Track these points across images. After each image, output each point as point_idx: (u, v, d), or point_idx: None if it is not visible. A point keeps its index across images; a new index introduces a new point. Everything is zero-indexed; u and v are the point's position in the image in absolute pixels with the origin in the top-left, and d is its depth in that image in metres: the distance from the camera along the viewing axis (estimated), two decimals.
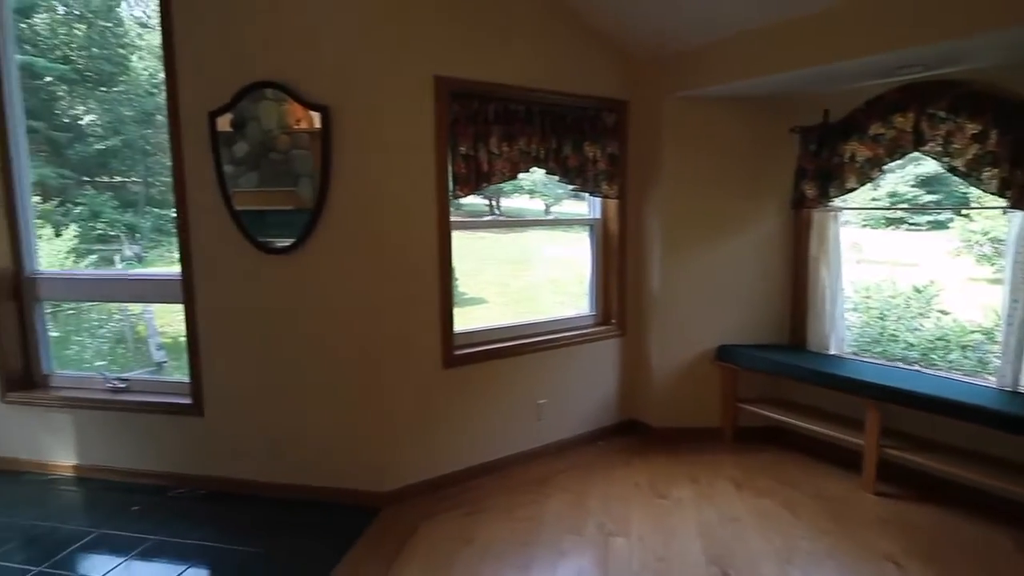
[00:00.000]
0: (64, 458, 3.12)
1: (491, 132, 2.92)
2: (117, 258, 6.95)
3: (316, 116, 2.60)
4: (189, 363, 2.91)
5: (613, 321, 3.52)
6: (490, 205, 5.27)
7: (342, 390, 2.76)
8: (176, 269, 2.89)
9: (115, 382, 3.10)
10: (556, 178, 3.23)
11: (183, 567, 2.40)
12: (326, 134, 2.61)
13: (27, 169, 3.16)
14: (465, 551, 2.48)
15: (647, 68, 3.32)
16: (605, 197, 3.39)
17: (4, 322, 3.09)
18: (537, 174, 3.61)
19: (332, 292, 2.71)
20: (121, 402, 3.02)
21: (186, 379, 2.96)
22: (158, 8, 2.69)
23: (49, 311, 3.32)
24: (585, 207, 3.62)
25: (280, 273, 2.75)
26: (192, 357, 2.90)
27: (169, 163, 2.84)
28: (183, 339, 2.94)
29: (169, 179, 2.85)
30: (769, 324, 3.46)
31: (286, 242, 2.73)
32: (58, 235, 5.36)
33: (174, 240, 2.93)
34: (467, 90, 2.83)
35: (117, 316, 6.46)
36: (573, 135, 3.18)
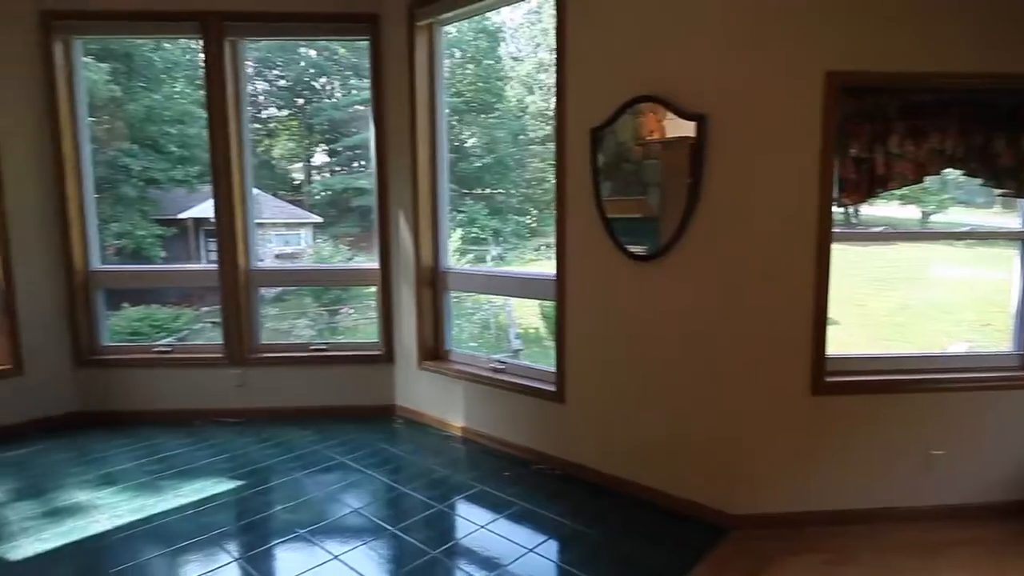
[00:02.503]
0: (455, 419, 3.81)
1: (892, 130, 2.52)
2: (488, 257, 8.26)
3: (688, 125, 2.61)
4: (556, 355, 3.24)
5: None
6: (846, 212, 4.63)
7: (698, 401, 2.73)
8: (538, 269, 3.23)
9: (496, 363, 3.64)
10: (978, 181, 2.63)
11: (543, 538, 2.67)
12: (699, 143, 2.60)
13: (447, 187, 3.93)
14: None
15: None
16: None
17: (425, 306, 3.91)
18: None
19: (694, 302, 2.69)
20: (499, 381, 3.53)
21: (551, 368, 3.30)
22: (555, 37, 3.05)
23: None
24: (984, 217, 2.87)
25: (642, 279, 2.85)
26: (559, 349, 3.22)
27: (526, 176, 3.20)
28: (533, 331, 3.31)
29: (526, 190, 3.21)
30: None
31: (638, 249, 2.84)
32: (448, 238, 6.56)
33: (528, 243, 3.29)
34: (864, 84, 2.49)
35: (486, 306, 7.68)
36: (1010, 127, 2.54)
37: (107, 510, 2.88)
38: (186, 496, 3.02)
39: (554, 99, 3.11)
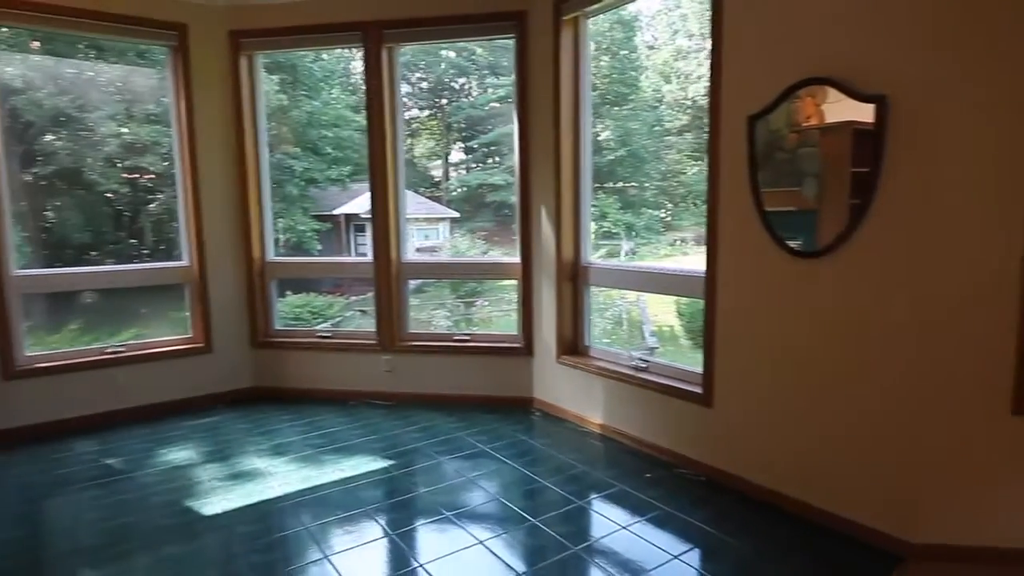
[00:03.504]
0: (594, 415, 3.78)
1: None
2: (621, 252, 8.11)
3: (862, 108, 2.35)
4: (704, 355, 3.09)
5: None
6: None
7: (874, 416, 2.46)
8: (676, 264, 3.09)
9: (638, 361, 3.55)
10: None
11: (688, 546, 2.55)
12: (878, 129, 2.33)
13: (589, 182, 3.90)
14: None
15: None
16: None
17: (565, 300, 3.92)
18: None
19: (873, 307, 2.42)
20: (640, 379, 3.44)
21: (697, 369, 3.16)
22: (710, 20, 2.90)
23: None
24: None
25: (807, 279, 2.62)
26: (707, 350, 3.07)
27: (661, 168, 3.05)
28: (667, 329, 3.16)
29: (661, 183, 3.06)
30: None
31: (796, 244, 2.62)
32: None
33: (662, 238, 3.15)
34: None
35: (619, 302, 7.55)
36: None
37: (279, 478, 3.20)
38: (345, 471, 3.27)
39: (705, 86, 2.96)
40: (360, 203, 8.99)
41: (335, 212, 9.05)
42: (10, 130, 4.02)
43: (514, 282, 4.26)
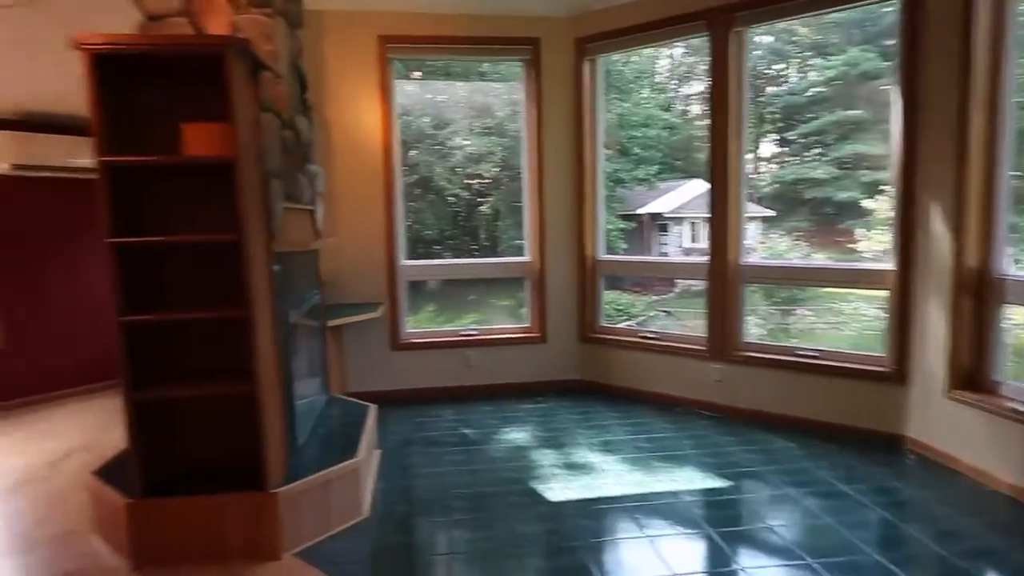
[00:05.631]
0: (1004, 473, 2.91)
1: None
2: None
3: None
4: None
5: None
6: None
7: None
8: None
9: None
10: None
11: None
12: None
13: (1007, 169, 3.01)
14: None
15: None
16: None
17: (963, 320, 3.11)
18: None
19: None
20: None
21: None
22: None
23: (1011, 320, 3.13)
24: None
25: None
26: None
27: None
28: None
29: None
30: None
31: None
32: None
33: None
34: None
35: None
36: None
37: (612, 476, 3.19)
38: (677, 482, 3.11)
39: None
40: (665, 202, 8.85)
41: (639, 211, 9.05)
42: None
43: (853, 291, 3.57)
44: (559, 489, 3.06)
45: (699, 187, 8.18)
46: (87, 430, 4.10)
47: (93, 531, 2.72)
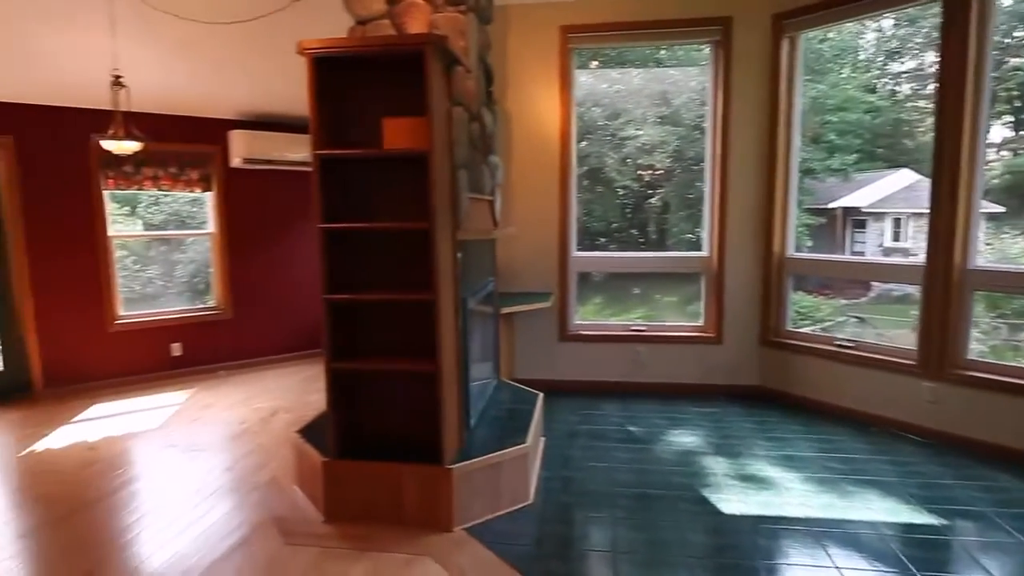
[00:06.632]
0: None
1: None
2: None
3: None
4: None
5: None
6: None
7: None
8: None
9: None
10: None
11: None
12: None
13: None
14: None
15: None
16: None
17: None
18: None
19: None
20: None
21: None
22: None
23: None
24: None
25: None
26: None
27: None
28: None
29: None
30: None
31: None
32: None
33: None
34: None
35: None
36: None
37: (796, 496, 2.90)
38: (876, 512, 2.73)
39: None
40: (862, 195, 7.85)
41: (831, 205, 8.14)
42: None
43: None
44: (734, 501, 2.85)
45: (906, 178, 7.16)
46: (290, 392, 4.67)
47: (295, 482, 3.07)
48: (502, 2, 4.14)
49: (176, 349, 5.14)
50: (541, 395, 3.53)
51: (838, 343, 4.02)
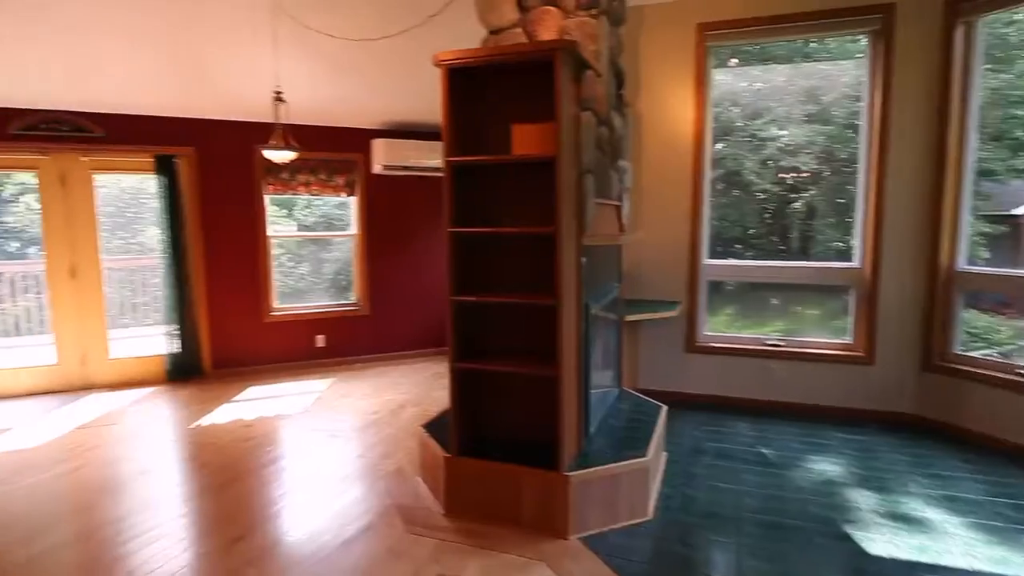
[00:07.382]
0: None
1: None
2: None
3: None
4: None
5: None
6: None
7: None
8: None
9: None
10: None
11: None
12: None
13: None
14: None
15: None
16: None
17: None
18: None
19: None
20: None
21: None
22: None
23: None
24: None
25: None
26: None
27: None
28: None
29: None
30: None
31: None
32: None
33: None
34: None
35: None
36: None
37: (959, 544, 2.53)
38: None
39: None
40: None
41: (1014, 212, 7.04)
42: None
43: None
44: (881, 542, 2.55)
45: None
46: (416, 387, 4.89)
47: (418, 474, 3.21)
48: (636, 2, 4.05)
49: (320, 340, 5.60)
50: (665, 407, 3.40)
51: (1020, 371, 3.47)
